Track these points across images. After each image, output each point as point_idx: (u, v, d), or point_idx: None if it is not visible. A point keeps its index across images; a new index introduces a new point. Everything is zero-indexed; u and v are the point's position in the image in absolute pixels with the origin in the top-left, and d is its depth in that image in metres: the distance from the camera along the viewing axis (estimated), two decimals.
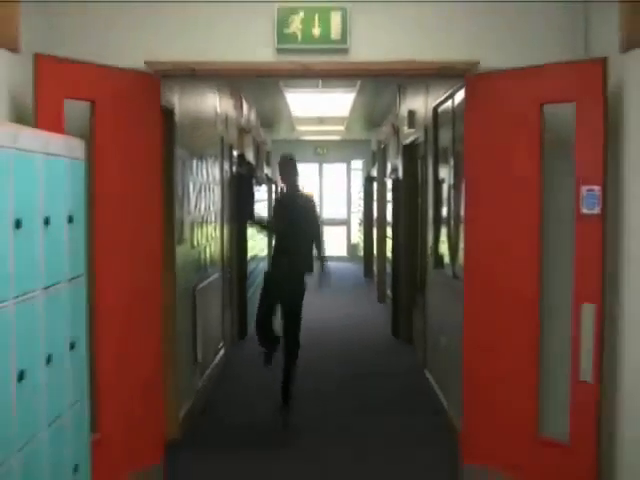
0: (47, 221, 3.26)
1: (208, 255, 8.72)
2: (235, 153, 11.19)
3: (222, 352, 9.61)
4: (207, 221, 8.65)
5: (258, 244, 13.81)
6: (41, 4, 4.44)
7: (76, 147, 3.70)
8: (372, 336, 11.34)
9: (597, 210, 4.12)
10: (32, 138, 3.18)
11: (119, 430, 4.45)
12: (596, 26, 4.49)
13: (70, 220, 3.57)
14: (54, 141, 3.42)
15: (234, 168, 11.05)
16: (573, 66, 4.28)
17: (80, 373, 3.76)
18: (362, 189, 18.89)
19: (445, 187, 7.18)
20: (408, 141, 10.01)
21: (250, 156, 13.10)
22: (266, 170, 17.29)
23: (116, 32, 4.66)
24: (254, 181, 12.20)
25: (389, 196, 12.30)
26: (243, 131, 11.98)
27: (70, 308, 3.58)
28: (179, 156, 6.78)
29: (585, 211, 4.16)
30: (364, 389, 8.23)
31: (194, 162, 7.71)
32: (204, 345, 8.12)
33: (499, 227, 4.59)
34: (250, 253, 11.94)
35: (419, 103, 8.89)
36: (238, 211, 11.20)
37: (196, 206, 7.87)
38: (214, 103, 9.05)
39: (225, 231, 10.21)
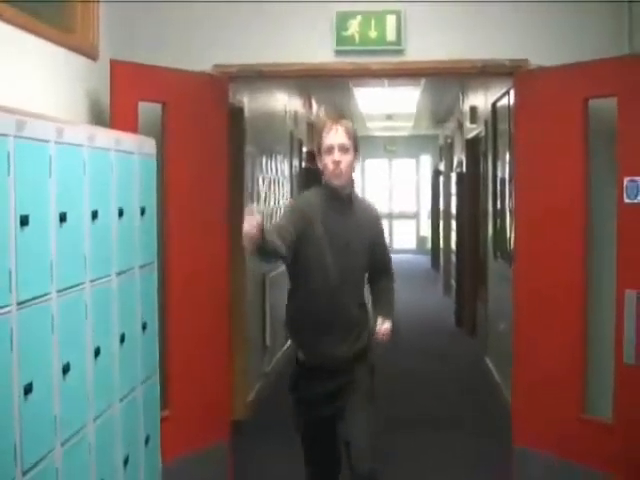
0: (121, 212, 3.60)
1: None
2: (304, 149, 11.49)
3: (290, 341, 9.91)
4: (277, 214, 8.96)
5: None
6: (118, 15, 4.78)
7: (147, 145, 4.04)
8: (436, 326, 11.57)
9: (639, 199, 4.30)
10: (106, 137, 3.51)
11: (187, 408, 4.74)
12: None
13: (142, 212, 3.90)
14: (126, 139, 3.75)
15: (303, 163, 11.35)
16: (615, 61, 4.46)
17: (151, 352, 4.09)
18: (430, 183, 19.08)
19: (501, 180, 7.38)
20: (470, 136, 10.21)
21: None
22: None
23: (187, 38, 4.97)
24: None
25: (454, 189, 12.50)
26: (312, 128, 12.27)
27: (141, 292, 3.90)
28: (248, 153, 7.10)
29: (628, 200, 4.33)
30: (426, 374, 8.52)
31: (263, 158, 8.03)
32: (273, 331, 8.44)
33: (547, 217, 4.77)
34: None
35: (480, 99, 9.08)
36: None
37: (265, 200, 8.18)
38: (283, 101, 9.35)
39: None
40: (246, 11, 4.98)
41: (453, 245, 12.60)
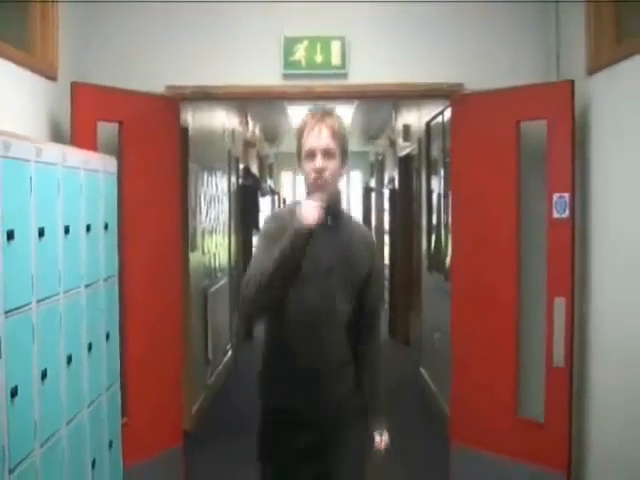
0: (88, 228, 3.80)
1: (217, 261, 9.25)
2: (241, 166, 11.74)
3: (230, 353, 10.15)
4: (216, 230, 9.18)
5: None
6: (75, 37, 4.98)
7: (109, 163, 4.24)
8: None
9: (567, 214, 4.64)
10: (76, 156, 3.72)
11: (144, 415, 4.93)
12: (567, 51, 5.01)
13: (105, 227, 4.10)
14: (93, 158, 3.96)
15: (240, 180, 11.61)
16: (545, 87, 4.82)
17: (114, 361, 4.29)
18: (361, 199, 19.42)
19: (436, 197, 7.72)
20: (404, 153, 10.55)
21: (254, 168, 13.66)
22: (269, 182, 17.84)
23: (141, 61, 5.18)
24: (259, 192, 12.77)
25: (386, 205, 12.85)
26: (248, 145, 12.52)
27: (105, 303, 4.11)
28: (192, 170, 7.32)
29: (556, 215, 4.68)
30: None
31: (205, 175, 8.26)
32: (214, 345, 8.65)
33: (482, 232, 5.09)
34: None
35: (413, 118, 9.43)
36: (244, 220, 11.76)
37: (207, 216, 8.40)
38: (222, 120, 9.60)
39: (232, 239, 10.75)
40: (198, 35, 5.21)
41: (386, 259, 12.93)
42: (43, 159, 3.19)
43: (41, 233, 3.15)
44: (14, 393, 2.84)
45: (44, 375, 3.16)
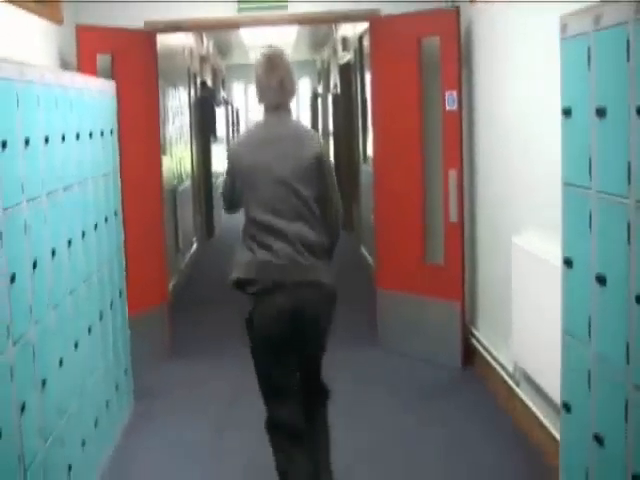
0: (102, 133, 5.20)
1: (182, 165, 10.65)
2: (198, 80, 13.02)
3: (195, 246, 11.64)
4: (181, 138, 10.54)
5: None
6: None
7: (111, 86, 5.64)
8: None
9: (455, 107, 6.10)
10: (93, 82, 5.12)
11: (138, 278, 6.24)
12: None
13: (111, 132, 5.51)
14: (102, 83, 5.37)
15: (198, 93, 12.91)
16: (438, 12, 6.19)
17: (120, 232, 5.70)
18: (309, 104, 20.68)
19: (367, 100, 9.15)
20: (343, 62, 11.87)
21: (209, 82, 14.93)
22: (222, 93, 19.06)
23: (125, 2, 6.53)
24: (214, 104, 14.09)
25: (330, 109, 14.20)
26: (203, 60, 13.74)
27: (113, 188, 5.53)
28: (160, 86, 8.64)
29: (448, 108, 6.13)
30: None
31: (170, 90, 9.59)
32: (183, 236, 10.13)
33: (395, 123, 6.52)
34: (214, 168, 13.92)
35: (350, 30, 10.76)
36: (203, 129, 13.12)
37: (172, 125, 9.76)
38: (182, 40, 10.86)
39: (194, 147, 12.11)
40: None
41: (332, 158, 14.35)
42: (76, 86, 4.61)
43: (77, 137, 4.57)
44: (35, 265, 4.30)
45: (83, 235, 4.60)
